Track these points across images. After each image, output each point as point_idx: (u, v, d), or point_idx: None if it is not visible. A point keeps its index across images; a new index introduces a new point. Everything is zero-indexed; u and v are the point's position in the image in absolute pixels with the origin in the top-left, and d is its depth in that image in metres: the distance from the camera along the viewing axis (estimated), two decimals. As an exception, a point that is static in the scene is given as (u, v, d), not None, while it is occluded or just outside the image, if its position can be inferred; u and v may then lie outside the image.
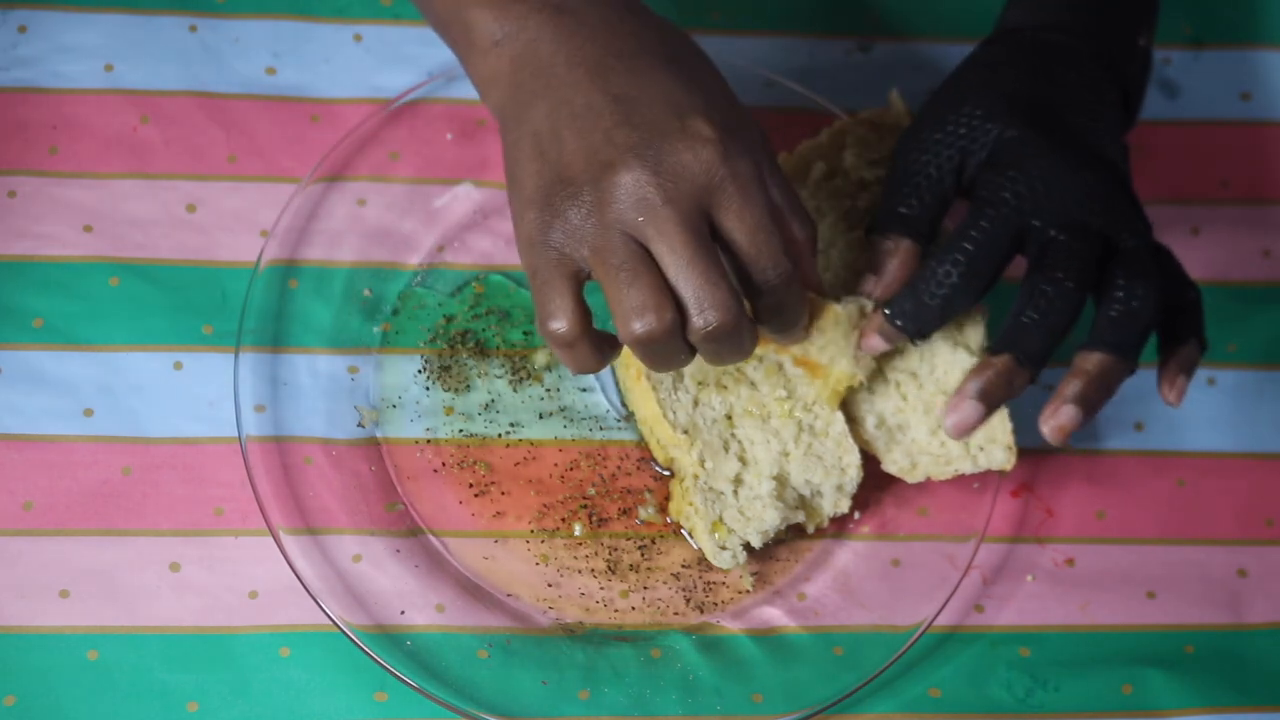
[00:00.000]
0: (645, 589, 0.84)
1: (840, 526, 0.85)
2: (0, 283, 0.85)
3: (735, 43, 0.93)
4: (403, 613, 0.82)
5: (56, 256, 0.86)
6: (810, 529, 0.84)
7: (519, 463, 0.85)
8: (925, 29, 0.95)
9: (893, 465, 0.84)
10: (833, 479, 0.83)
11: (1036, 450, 0.87)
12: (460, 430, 0.85)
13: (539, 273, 0.71)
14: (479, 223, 0.89)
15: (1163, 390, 0.77)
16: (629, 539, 0.84)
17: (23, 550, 0.81)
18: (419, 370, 0.86)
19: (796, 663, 0.83)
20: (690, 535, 0.84)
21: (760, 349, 0.81)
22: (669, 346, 0.71)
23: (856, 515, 0.85)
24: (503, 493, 0.84)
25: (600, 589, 0.83)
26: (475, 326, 0.87)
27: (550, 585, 0.83)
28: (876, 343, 0.79)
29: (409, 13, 0.92)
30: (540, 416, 0.86)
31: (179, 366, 0.85)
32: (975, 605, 0.85)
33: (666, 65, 0.72)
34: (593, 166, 0.70)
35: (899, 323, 0.78)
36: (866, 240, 0.80)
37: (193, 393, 0.84)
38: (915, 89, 0.91)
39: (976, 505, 0.85)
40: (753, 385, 0.83)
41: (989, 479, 0.85)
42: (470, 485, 0.84)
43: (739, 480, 0.82)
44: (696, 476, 0.82)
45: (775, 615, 0.84)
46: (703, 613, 0.83)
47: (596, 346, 0.72)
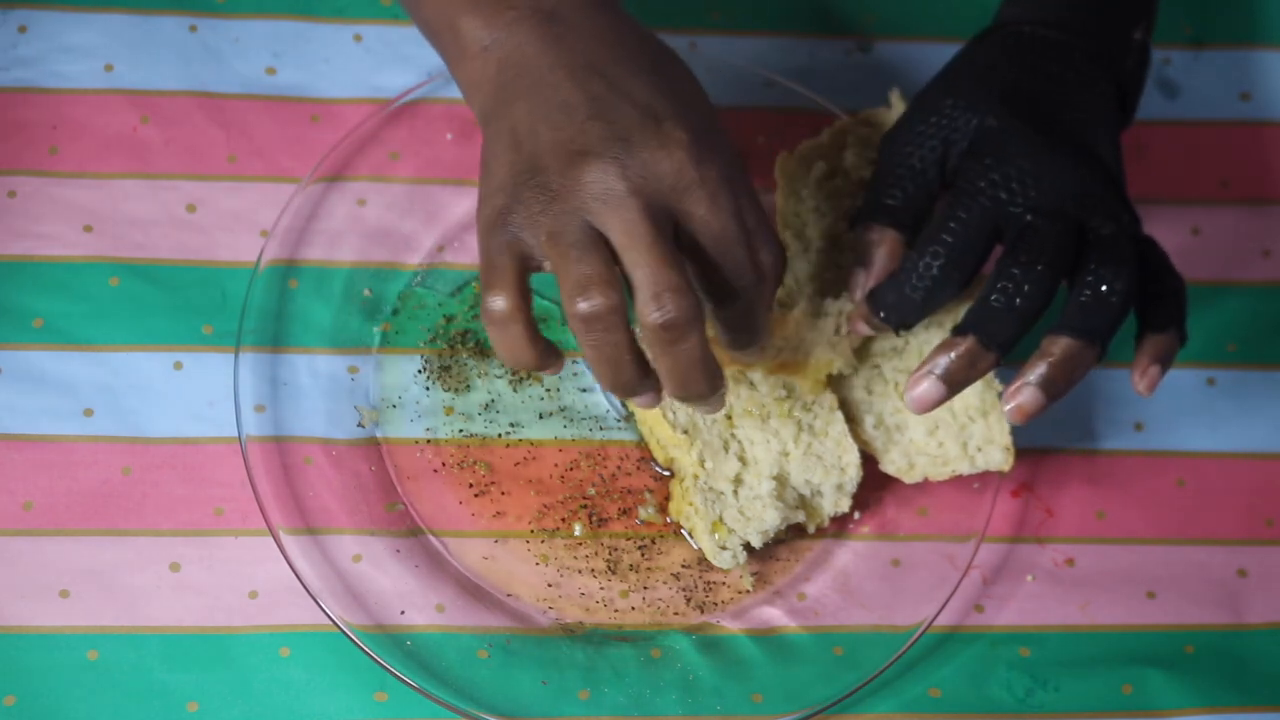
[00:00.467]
0: (645, 589, 0.83)
1: (840, 526, 0.85)
2: (0, 283, 0.85)
3: (735, 43, 0.93)
4: (403, 613, 0.82)
5: (56, 256, 0.86)
6: (810, 529, 0.84)
7: (519, 463, 0.85)
8: (925, 29, 0.95)
9: (890, 465, 0.84)
10: (832, 479, 0.83)
11: (1036, 450, 0.87)
12: (460, 430, 0.85)
13: (489, 253, 0.71)
14: (479, 223, 0.89)
15: (1134, 378, 0.76)
16: (629, 539, 0.84)
17: (23, 550, 0.81)
18: (419, 370, 0.86)
19: (796, 663, 0.83)
20: (690, 535, 0.84)
21: (735, 369, 0.82)
22: (613, 336, 0.69)
23: (857, 515, 0.85)
24: (503, 493, 0.84)
25: (600, 589, 0.83)
26: (475, 326, 0.87)
27: (550, 585, 0.83)
28: (861, 328, 0.79)
29: (409, 13, 0.92)
30: (540, 416, 0.86)
31: (179, 366, 0.85)
32: (975, 605, 0.85)
33: (648, 73, 0.72)
34: (562, 157, 0.70)
35: (882, 314, 0.78)
36: (850, 231, 0.80)
37: (193, 393, 0.84)
38: (915, 89, 0.90)
39: (976, 505, 0.85)
40: (752, 385, 0.83)
41: (989, 479, 0.85)
42: (470, 485, 0.84)
43: (739, 480, 0.82)
44: (696, 476, 0.82)
45: (775, 615, 0.84)
46: (703, 613, 0.83)
47: (532, 337, 0.70)
